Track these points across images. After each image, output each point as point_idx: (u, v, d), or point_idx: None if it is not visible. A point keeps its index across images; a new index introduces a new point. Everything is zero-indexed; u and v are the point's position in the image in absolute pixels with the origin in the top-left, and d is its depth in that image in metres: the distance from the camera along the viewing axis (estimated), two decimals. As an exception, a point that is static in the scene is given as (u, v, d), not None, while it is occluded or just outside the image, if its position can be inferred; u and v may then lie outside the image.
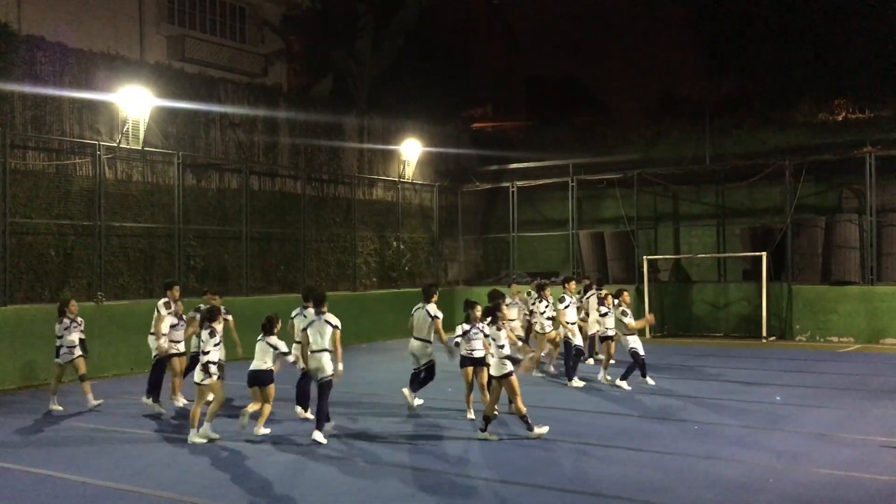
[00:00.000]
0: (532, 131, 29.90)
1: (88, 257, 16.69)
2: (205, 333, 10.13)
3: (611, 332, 14.22)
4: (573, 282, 15.04)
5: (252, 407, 10.13)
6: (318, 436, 9.77)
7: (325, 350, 10.02)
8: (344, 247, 22.94)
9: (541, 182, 25.56)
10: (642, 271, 22.66)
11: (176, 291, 12.50)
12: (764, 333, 20.78)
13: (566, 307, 14.28)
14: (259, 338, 10.21)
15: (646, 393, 13.22)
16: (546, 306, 14.81)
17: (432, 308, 11.90)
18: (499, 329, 10.22)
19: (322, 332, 10.03)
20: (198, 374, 10.17)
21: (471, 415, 11.24)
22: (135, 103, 17.28)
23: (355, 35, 26.54)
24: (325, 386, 10.03)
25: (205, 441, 9.96)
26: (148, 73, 18.29)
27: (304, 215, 21.47)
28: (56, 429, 11.19)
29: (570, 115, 29.47)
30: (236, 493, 7.89)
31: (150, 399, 12.13)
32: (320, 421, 9.94)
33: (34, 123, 16.14)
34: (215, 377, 10.06)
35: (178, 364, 12.32)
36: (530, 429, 9.89)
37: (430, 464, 8.93)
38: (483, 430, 9.98)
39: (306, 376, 10.85)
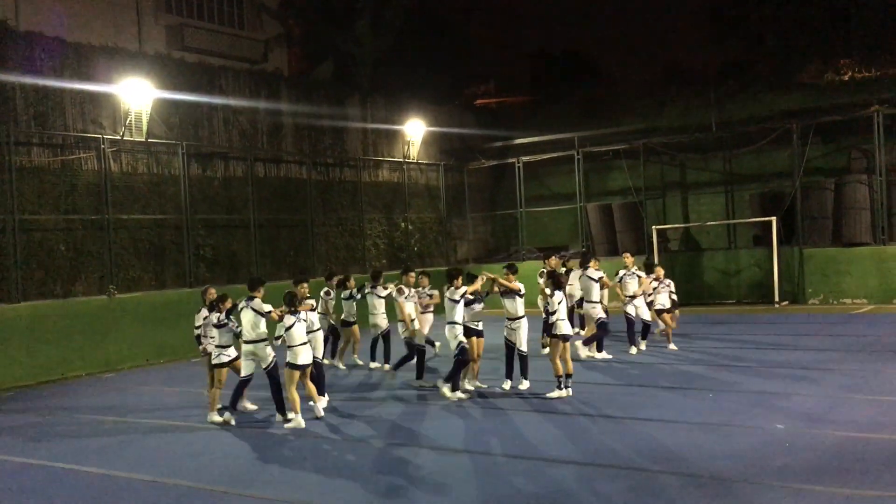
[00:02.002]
0: (536, 106, 29.72)
1: (98, 251, 16.76)
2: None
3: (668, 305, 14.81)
4: (628, 254, 15.71)
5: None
6: (388, 367, 13.69)
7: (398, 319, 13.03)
8: (352, 230, 22.95)
9: (547, 156, 25.45)
10: (652, 241, 22.59)
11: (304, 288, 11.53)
12: (776, 298, 20.71)
13: (620, 280, 14.85)
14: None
15: (662, 363, 13.22)
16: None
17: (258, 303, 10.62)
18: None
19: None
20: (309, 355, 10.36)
21: (471, 385, 11.55)
22: (136, 95, 17.27)
23: (355, 16, 26.35)
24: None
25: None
26: (148, 64, 18.25)
27: (311, 200, 21.46)
28: (75, 423, 11.28)
29: (574, 88, 29.24)
30: (261, 481, 7.94)
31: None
32: (398, 365, 13.21)
33: (37, 119, 16.14)
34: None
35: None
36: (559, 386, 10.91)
37: (439, 442, 8.97)
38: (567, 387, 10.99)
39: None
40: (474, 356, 11.51)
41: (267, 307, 10.44)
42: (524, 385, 11.50)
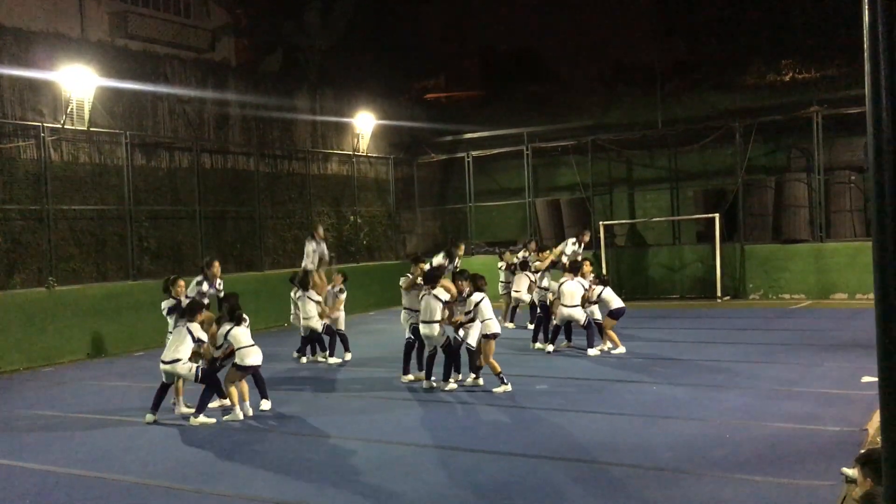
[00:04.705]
0: (486, 101, 29.84)
1: (37, 242, 16.32)
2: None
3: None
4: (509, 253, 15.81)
5: None
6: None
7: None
8: (300, 223, 22.76)
9: (496, 151, 25.57)
10: (599, 237, 22.88)
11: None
12: (718, 293, 21.18)
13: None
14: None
15: (607, 356, 13.41)
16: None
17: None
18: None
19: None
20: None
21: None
22: (78, 82, 16.83)
23: (304, 7, 26.10)
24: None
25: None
26: (91, 51, 17.81)
27: (259, 192, 21.22)
28: (11, 417, 10.97)
29: (524, 84, 29.44)
30: (208, 476, 7.84)
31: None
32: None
33: (-27, 106, 15.65)
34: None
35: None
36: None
37: (388, 435, 8.98)
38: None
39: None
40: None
41: (202, 335, 9.83)
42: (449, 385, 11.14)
